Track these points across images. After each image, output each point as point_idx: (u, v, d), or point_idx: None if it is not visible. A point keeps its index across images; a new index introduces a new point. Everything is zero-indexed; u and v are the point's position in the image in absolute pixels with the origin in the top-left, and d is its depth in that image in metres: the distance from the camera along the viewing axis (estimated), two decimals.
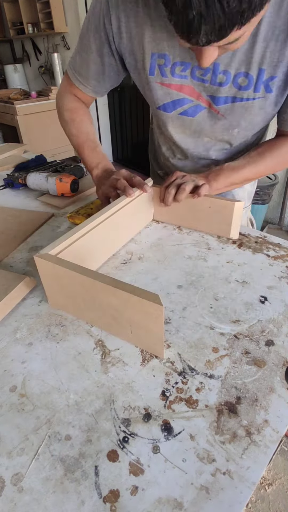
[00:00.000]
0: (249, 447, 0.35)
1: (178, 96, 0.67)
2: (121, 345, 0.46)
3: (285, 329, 0.48)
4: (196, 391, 0.40)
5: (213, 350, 0.45)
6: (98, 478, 0.33)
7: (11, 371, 0.43)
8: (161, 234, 0.72)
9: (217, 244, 0.67)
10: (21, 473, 0.33)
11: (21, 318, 0.51)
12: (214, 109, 0.67)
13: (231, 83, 0.62)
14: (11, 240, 0.71)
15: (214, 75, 0.62)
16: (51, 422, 0.38)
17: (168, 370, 0.43)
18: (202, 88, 0.65)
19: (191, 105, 0.68)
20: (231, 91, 0.63)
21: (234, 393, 0.40)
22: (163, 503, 0.31)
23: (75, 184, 0.88)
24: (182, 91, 0.66)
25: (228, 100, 0.65)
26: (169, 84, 0.65)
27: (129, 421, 0.37)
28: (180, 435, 0.36)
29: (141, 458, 0.34)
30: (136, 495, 0.31)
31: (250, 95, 0.62)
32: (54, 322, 0.50)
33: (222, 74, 0.61)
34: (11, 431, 0.37)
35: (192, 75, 0.64)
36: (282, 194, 2.38)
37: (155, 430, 0.36)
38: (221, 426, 0.37)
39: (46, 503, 0.31)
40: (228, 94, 0.64)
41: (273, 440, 0.35)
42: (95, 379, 0.42)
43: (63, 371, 0.43)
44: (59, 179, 0.86)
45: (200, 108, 0.68)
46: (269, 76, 0.60)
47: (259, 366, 0.43)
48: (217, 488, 0.32)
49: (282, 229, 2.42)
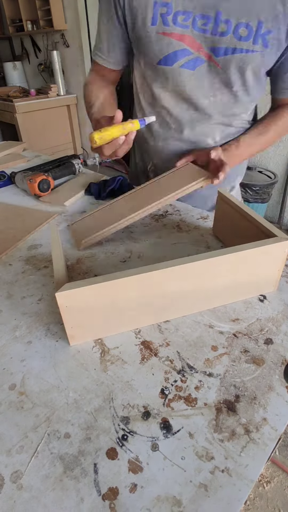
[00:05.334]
0: (248, 445, 0.35)
1: (179, 47, 0.67)
2: (120, 343, 0.46)
3: (284, 328, 0.48)
4: (195, 389, 0.40)
5: (212, 348, 0.45)
6: (97, 475, 0.33)
7: (10, 369, 0.43)
8: (160, 232, 0.72)
9: (217, 243, 0.67)
10: (21, 470, 0.33)
11: (20, 316, 0.51)
12: (214, 61, 0.68)
13: (232, 33, 0.63)
14: (11, 238, 0.71)
15: (216, 24, 0.63)
16: (50, 420, 0.38)
17: (167, 368, 0.43)
18: (203, 39, 0.65)
19: (191, 58, 0.68)
20: (232, 42, 0.64)
21: (233, 392, 0.40)
22: (162, 500, 0.31)
23: (44, 184, 0.87)
24: (183, 41, 0.66)
25: (229, 51, 0.65)
26: (171, 33, 0.66)
27: (128, 419, 0.37)
28: (179, 433, 0.36)
29: (140, 456, 0.34)
30: (135, 492, 0.32)
31: (249, 46, 0.64)
32: (54, 320, 0.50)
33: (224, 23, 0.62)
34: (10, 429, 0.37)
35: (193, 25, 0.64)
36: (282, 193, 2.38)
37: (154, 428, 0.37)
38: (220, 424, 0.37)
39: (45, 500, 0.31)
40: (229, 44, 0.64)
41: (272, 438, 0.35)
42: (94, 377, 0.42)
43: (62, 369, 0.43)
44: (29, 180, 0.86)
45: (200, 61, 0.68)
46: (266, 30, 0.62)
47: (258, 365, 0.43)
48: (216, 485, 0.32)
49: (282, 228, 2.42)
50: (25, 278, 0.60)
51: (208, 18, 0.63)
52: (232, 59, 0.66)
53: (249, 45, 0.64)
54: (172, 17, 0.64)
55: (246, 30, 0.62)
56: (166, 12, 0.64)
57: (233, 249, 0.46)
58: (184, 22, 0.64)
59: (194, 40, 0.66)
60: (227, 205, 0.62)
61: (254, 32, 0.63)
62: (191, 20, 0.64)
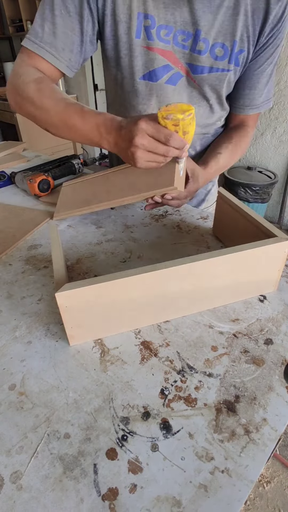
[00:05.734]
0: (248, 445, 0.35)
1: (162, 62, 0.66)
2: (120, 344, 0.46)
3: (284, 328, 0.48)
4: (195, 389, 0.40)
5: (212, 348, 0.45)
6: (97, 476, 0.33)
7: (10, 369, 0.43)
8: (160, 232, 0.72)
9: (217, 243, 0.67)
10: (20, 471, 0.33)
11: (20, 316, 0.51)
12: (191, 78, 0.69)
13: (208, 53, 0.64)
14: (11, 238, 0.71)
15: (195, 42, 0.63)
16: (50, 420, 0.38)
17: (167, 368, 0.43)
18: (182, 55, 0.66)
19: (173, 73, 0.68)
20: (209, 61, 0.65)
21: (233, 392, 0.40)
22: (161, 501, 0.31)
23: (44, 184, 0.87)
24: (166, 56, 0.66)
25: (205, 70, 0.67)
26: (156, 48, 0.64)
27: (128, 420, 0.37)
28: (179, 434, 0.36)
29: (140, 457, 0.34)
30: (135, 493, 0.32)
31: (225, 66, 0.66)
32: (53, 320, 0.50)
33: (202, 42, 0.63)
34: (10, 429, 0.37)
35: (174, 40, 0.64)
36: (282, 193, 2.38)
37: (154, 428, 0.37)
38: (220, 425, 0.37)
39: (45, 501, 0.31)
40: (206, 63, 0.66)
41: (272, 438, 0.35)
42: (94, 377, 0.42)
43: (62, 370, 0.43)
44: (29, 180, 0.86)
45: (179, 76, 0.69)
46: (239, 49, 0.65)
47: (258, 365, 0.43)
48: (216, 486, 0.32)
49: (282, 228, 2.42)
50: (25, 278, 0.60)
51: (188, 35, 0.63)
52: (208, 77, 0.68)
53: (225, 65, 0.66)
54: (156, 31, 0.62)
55: (222, 50, 0.64)
56: (150, 25, 0.61)
57: (233, 249, 0.46)
58: (166, 37, 0.63)
59: (174, 56, 0.66)
60: (227, 205, 0.62)
61: (230, 52, 0.64)
62: (172, 35, 0.63)
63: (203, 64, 0.66)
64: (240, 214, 0.58)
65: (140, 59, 0.66)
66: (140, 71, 0.68)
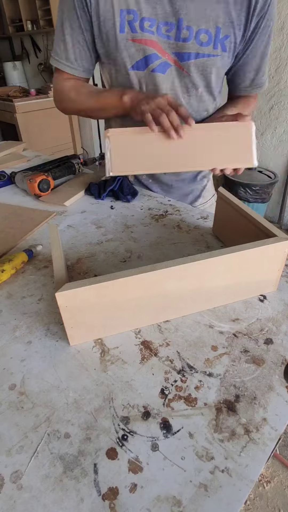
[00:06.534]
0: (248, 445, 0.35)
1: (149, 51, 0.69)
2: (120, 343, 0.46)
3: (284, 328, 0.48)
4: (195, 389, 0.40)
5: (212, 348, 0.45)
6: (97, 475, 0.33)
7: (10, 369, 0.43)
8: (160, 232, 0.72)
9: (217, 242, 0.67)
10: (20, 470, 0.33)
11: (20, 316, 0.51)
12: (179, 66, 0.71)
13: (193, 39, 0.67)
14: (11, 238, 0.71)
15: (179, 30, 0.66)
16: (50, 420, 0.38)
17: (167, 368, 0.43)
18: (167, 45, 0.69)
19: (160, 62, 0.70)
20: (194, 47, 0.68)
21: (233, 392, 0.40)
22: (162, 500, 0.31)
23: (44, 184, 0.87)
24: (152, 46, 0.69)
25: (192, 56, 0.69)
26: (140, 39, 0.68)
27: (128, 419, 0.37)
28: (179, 433, 0.36)
29: (140, 456, 0.34)
30: (135, 492, 0.32)
31: (210, 51, 0.68)
32: (54, 320, 0.50)
33: (186, 30, 0.66)
34: (10, 429, 0.37)
35: (158, 31, 0.67)
36: (282, 192, 2.38)
37: (154, 428, 0.37)
38: (220, 424, 0.37)
39: (45, 500, 0.31)
40: (192, 50, 0.68)
41: (272, 438, 0.35)
42: (94, 377, 0.42)
43: (62, 369, 0.43)
44: (29, 179, 0.86)
45: (168, 65, 0.71)
46: (224, 35, 0.67)
47: (258, 365, 0.43)
48: (216, 485, 0.32)
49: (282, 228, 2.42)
50: (25, 278, 0.60)
51: (170, 25, 0.67)
52: (196, 63, 0.70)
53: (210, 50, 0.69)
54: (139, 24, 0.66)
55: (206, 35, 0.67)
56: (133, 19, 0.66)
57: (233, 249, 0.46)
58: (150, 28, 0.67)
59: (159, 46, 0.69)
60: (227, 205, 0.62)
61: (214, 38, 0.67)
62: (156, 27, 0.67)
63: (189, 51, 0.69)
64: (240, 214, 0.58)
65: (126, 52, 0.70)
66: (128, 62, 0.72)
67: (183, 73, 0.72)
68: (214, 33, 0.67)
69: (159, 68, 0.71)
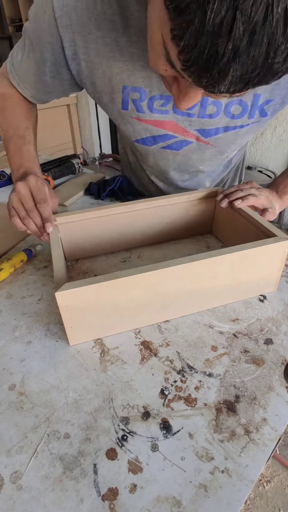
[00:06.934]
0: (248, 445, 0.35)
1: (159, 132, 0.59)
2: (120, 344, 0.46)
3: (284, 328, 0.48)
4: (195, 389, 0.40)
5: (212, 348, 0.45)
6: (97, 476, 0.33)
7: (10, 369, 0.43)
8: None
9: (217, 243, 0.67)
10: (20, 471, 0.33)
11: (20, 316, 0.51)
12: (202, 141, 0.60)
13: (222, 113, 0.55)
14: (11, 238, 0.71)
15: (203, 107, 0.54)
16: (50, 420, 0.38)
17: (167, 368, 0.43)
18: (188, 123, 0.57)
19: (176, 140, 0.60)
20: (222, 122, 0.56)
21: (233, 392, 0.40)
22: (161, 501, 0.31)
23: None
24: (164, 127, 0.58)
25: (220, 131, 0.58)
26: (147, 120, 0.57)
27: (128, 420, 0.37)
28: (179, 434, 0.36)
29: (140, 456, 0.34)
30: (135, 493, 0.32)
31: (244, 122, 0.57)
32: (53, 320, 0.50)
33: (212, 105, 0.54)
34: (10, 429, 0.37)
35: (174, 110, 0.55)
36: None
37: (154, 428, 0.37)
38: (220, 425, 0.37)
39: (45, 501, 0.31)
40: (219, 125, 0.57)
41: (272, 438, 0.35)
42: (94, 377, 0.42)
43: (62, 370, 0.43)
44: None
45: (186, 143, 0.61)
46: (264, 100, 0.54)
47: (258, 365, 0.43)
48: (216, 486, 0.32)
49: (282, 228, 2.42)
50: (25, 278, 0.60)
51: None
52: (225, 136, 0.59)
53: (244, 121, 0.56)
54: (147, 104, 0.54)
55: (239, 107, 0.54)
56: (139, 98, 0.54)
57: (233, 249, 0.46)
58: (162, 108, 0.55)
59: (177, 125, 0.57)
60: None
61: (250, 108, 0.54)
62: (171, 105, 0.55)
63: (216, 126, 0.57)
64: (240, 214, 0.58)
65: (131, 127, 0.59)
66: (132, 136, 0.62)
67: (207, 146, 0.62)
68: (250, 102, 0.53)
69: (172, 146, 0.62)
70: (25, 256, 0.62)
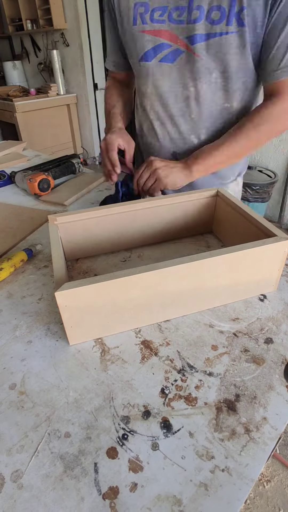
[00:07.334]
0: (248, 444, 0.35)
1: (157, 42, 0.70)
2: (121, 343, 0.46)
3: (284, 327, 0.48)
4: (195, 388, 0.40)
5: (212, 348, 0.45)
6: (97, 475, 0.33)
7: (11, 368, 0.43)
8: None
9: (217, 243, 0.67)
10: (21, 470, 0.33)
11: (20, 316, 0.51)
12: (191, 51, 0.67)
13: (204, 19, 0.63)
14: (11, 237, 0.71)
15: (189, 13, 0.64)
16: (51, 419, 0.38)
17: (167, 367, 0.43)
18: (180, 30, 0.67)
19: (170, 50, 0.69)
20: (206, 27, 0.63)
21: (233, 391, 0.40)
22: (162, 499, 0.31)
23: (44, 183, 0.87)
24: (161, 36, 0.69)
25: (203, 37, 0.64)
26: (150, 30, 0.69)
27: (129, 419, 0.37)
28: (179, 433, 0.36)
29: (140, 455, 0.34)
30: (135, 491, 0.32)
31: (223, 29, 0.62)
32: (54, 320, 0.50)
33: (196, 10, 0.63)
34: (10, 429, 0.37)
35: (169, 18, 0.67)
36: (282, 192, 2.38)
37: (154, 427, 0.37)
38: (220, 424, 0.37)
39: (45, 499, 0.31)
40: (202, 31, 0.64)
41: (272, 437, 0.35)
42: (95, 376, 0.42)
43: (63, 369, 0.43)
44: (29, 179, 0.86)
45: (179, 52, 0.69)
46: (239, 7, 0.59)
47: (258, 364, 0.43)
48: (216, 485, 0.32)
49: (282, 227, 2.42)
50: (25, 277, 0.60)
51: (182, 9, 0.65)
52: (208, 45, 0.65)
53: (223, 27, 0.62)
54: (150, 15, 0.68)
55: (218, 12, 0.61)
56: (144, 11, 0.68)
57: (233, 248, 0.46)
58: (160, 18, 0.67)
59: (171, 33, 0.68)
60: (227, 205, 0.62)
61: (227, 13, 0.60)
62: (167, 15, 0.66)
63: (199, 32, 0.64)
64: (240, 213, 0.58)
65: (137, 43, 0.72)
66: (139, 54, 0.73)
67: (195, 57, 0.67)
68: (227, 8, 0.59)
69: (167, 58, 0.70)
70: (25, 256, 0.63)
